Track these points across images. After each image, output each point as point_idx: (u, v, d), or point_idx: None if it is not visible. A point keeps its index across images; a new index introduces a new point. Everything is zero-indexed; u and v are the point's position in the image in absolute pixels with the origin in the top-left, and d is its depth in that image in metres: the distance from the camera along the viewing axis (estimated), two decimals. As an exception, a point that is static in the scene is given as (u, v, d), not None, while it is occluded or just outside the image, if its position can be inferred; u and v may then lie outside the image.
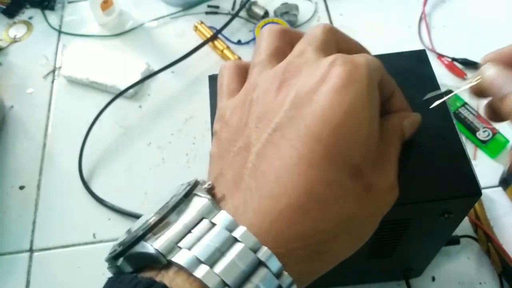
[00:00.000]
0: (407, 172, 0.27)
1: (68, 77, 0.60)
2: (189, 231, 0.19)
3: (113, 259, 0.20)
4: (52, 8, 0.69)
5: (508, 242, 0.44)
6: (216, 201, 0.21)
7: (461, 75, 0.55)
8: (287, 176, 0.20)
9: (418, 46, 0.57)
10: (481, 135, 0.50)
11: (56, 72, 0.62)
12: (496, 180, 0.48)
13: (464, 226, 0.45)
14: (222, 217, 0.20)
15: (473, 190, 0.27)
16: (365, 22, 0.62)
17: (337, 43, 0.26)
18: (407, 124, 0.26)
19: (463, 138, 0.50)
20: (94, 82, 0.58)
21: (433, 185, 0.27)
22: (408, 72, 0.31)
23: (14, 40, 0.66)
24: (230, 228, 0.19)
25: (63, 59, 0.63)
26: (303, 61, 0.23)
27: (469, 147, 0.51)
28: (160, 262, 0.18)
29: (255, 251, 0.19)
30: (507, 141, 0.50)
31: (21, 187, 0.53)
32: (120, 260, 0.20)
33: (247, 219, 0.20)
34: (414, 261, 0.40)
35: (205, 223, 0.20)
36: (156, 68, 0.58)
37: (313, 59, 0.23)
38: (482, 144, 0.50)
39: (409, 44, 0.59)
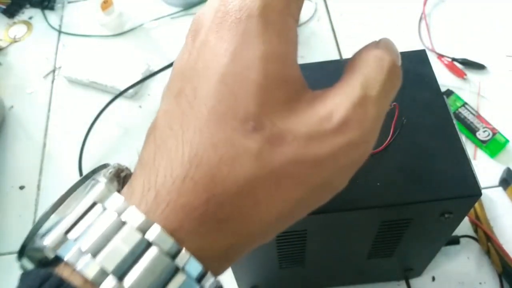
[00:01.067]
0: (407, 172, 0.27)
1: (68, 77, 0.60)
2: (81, 218, 0.18)
3: (18, 258, 0.19)
4: (52, 8, 0.69)
5: (508, 242, 0.44)
6: (126, 184, 0.19)
7: (461, 75, 0.55)
8: (175, 144, 0.18)
9: (418, 46, 0.57)
10: (481, 135, 0.50)
11: (56, 72, 0.62)
12: (496, 180, 0.48)
13: (464, 226, 0.45)
14: (112, 200, 0.18)
15: (473, 190, 0.27)
16: (365, 22, 0.62)
17: None
18: (385, 45, 0.21)
19: (463, 138, 0.50)
20: (94, 82, 0.58)
21: (433, 185, 0.27)
22: (408, 72, 0.31)
23: (14, 40, 0.66)
24: (120, 211, 0.17)
25: (63, 59, 0.63)
26: None
27: (469, 147, 0.51)
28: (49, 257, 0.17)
29: (143, 231, 0.17)
30: (507, 141, 0.50)
31: (21, 187, 0.53)
32: (24, 259, 0.18)
33: (141, 198, 0.18)
34: (414, 261, 0.40)
35: (98, 207, 0.18)
36: (156, 68, 0.58)
37: None
38: (482, 144, 0.50)
39: (409, 44, 0.59)
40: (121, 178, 0.20)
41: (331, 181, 0.19)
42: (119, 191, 0.19)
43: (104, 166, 0.21)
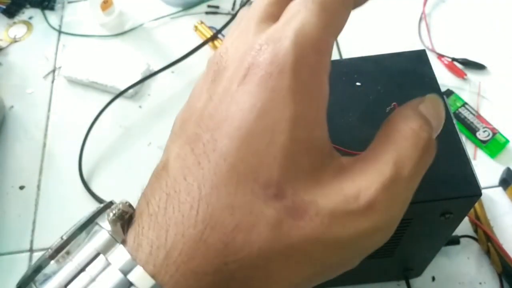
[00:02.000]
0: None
1: (68, 77, 0.60)
2: (83, 270, 0.17)
3: None
4: (52, 8, 0.69)
5: (508, 242, 0.44)
6: (127, 229, 0.18)
7: (461, 75, 0.55)
8: (190, 200, 0.16)
9: (418, 46, 0.57)
10: (481, 135, 0.50)
11: (56, 72, 0.62)
12: (496, 180, 0.48)
13: (464, 226, 0.45)
14: (118, 254, 0.16)
15: (473, 190, 0.27)
16: (365, 22, 0.62)
17: None
18: (427, 110, 0.19)
19: (463, 138, 0.50)
20: (94, 82, 0.58)
21: (433, 185, 0.27)
22: (408, 72, 0.31)
23: (14, 40, 0.66)
24: (126, 269, 0.16)
25: (63, 59, 0.63)
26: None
27: (469, 147, 0.51)
28: None
29: None
30: (507, 141, 0.50)
31: (21, 187, 0.53)
32: None
33: (148, 256, 0.16)
34: (414, 261, 0.40)
35: (101, 260, 0.17)
36: (156, 68, 0.58)
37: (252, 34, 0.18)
38: (482, 144, 0.50)
39: (409, 44, 0.59)
40: (125, 220, 0.18)
41: (347, 261, 0.19)
42: (124, 240, 0.17)
43: (108, 206, 0.19)
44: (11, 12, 0.69)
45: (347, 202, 0.17)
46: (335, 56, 0.59)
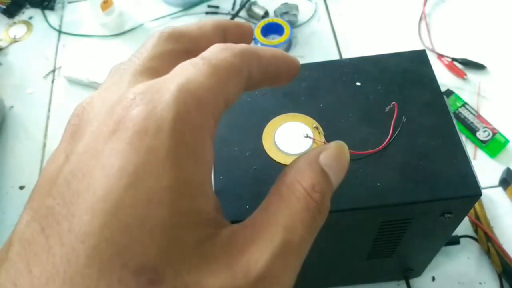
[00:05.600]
0: (407, 172, 0.27)
1: (68, 77, 0.60)
2: None
3: None
4: (52, 8, 0.69)
5: (508, 242, 0.44)
6: None
7: (461, 75, 0.55)
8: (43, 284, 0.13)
9: (418, 46, 0.58)
10: (481, 135, 0.50)
11: (56, 72, 0.62)
12: (496, 180, 0.48)
13: (464, 226, 0.45)
14: None
15: (473, 190, 0.27)
16: (365, 22, 0.62)
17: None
18: (328, 162, 0.17)
19: (463, 138, 0.50)
20: (94, 82, 0.58)
21: (433, 185, 0.27)
22: (408, 72, 0.31)
23: (14, 40, 0.66)
24: None
25: (63, 59, 0.63)
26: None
27: (469, 147, 0.51)
28: None
29: None
30: (507, 141, 0.50)
31: (21, 187, 0.53)
32: None
33: None
34: (414, 261, 0.40)
35: None
36: (156, 68, 0.58)
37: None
38: (482, 144, 0.50)
39: (409, 44, 0.59)
40: None
41: None
42: None
43: None
44: (11, 12, 0.69)
45: (236, 278, 0.14)
46: (335, 56, 0.59)
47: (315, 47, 0.61)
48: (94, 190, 0.13)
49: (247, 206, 0.26)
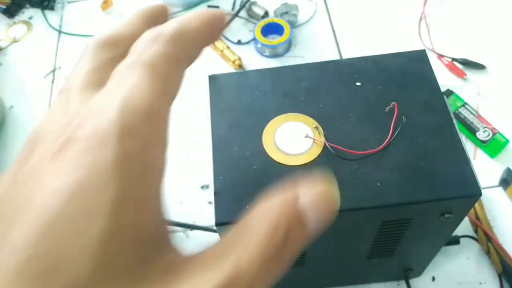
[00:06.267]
0: (407, 172, 0.27)
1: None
2: None
3: None
4: (52, 8, 0.69)
5: (508, 242, 0.44)
6: None
7: (461, 75, 0.55)
8: None
9: (418, 46, 0.57)
10: (481, 135, 0.50)
11: (56, 72, 0.62)
12: (496, 180, 0.48)
13: (464, 226, 0.45)
14: None
15: (473, 190, 0.27)
16: (365, 22, 0.62)
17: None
18: (309, 199, 0.15)
19: (463, 138, 0.50)
20: (94, 82, 0.58)
21: (433, 185, 0.27)
22: (408, 72, 0.31)
23: (14, 40, 0.66)
24: None
25: (63, 59, 0.63)
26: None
27: (469, 147, 0.51)
28: None
29: None
30: (507, 141, 0.50)
31: (21, 187, 0.53)
32: None
33: None
34: (414, 261, 0.40)
35: None
36: (156, 68, 0.58)
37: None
38: (482, 144, 0.50)
39: (409, 44, 0.59)
40: None
41: None
42: None
43: None
44: (11, 12, 0.69)
45: None
46: (335, 56, 0.59)
47: (315, 47, 0.61)
48: (35, 205, 0.13)
49: (247, 206, 0.26)
